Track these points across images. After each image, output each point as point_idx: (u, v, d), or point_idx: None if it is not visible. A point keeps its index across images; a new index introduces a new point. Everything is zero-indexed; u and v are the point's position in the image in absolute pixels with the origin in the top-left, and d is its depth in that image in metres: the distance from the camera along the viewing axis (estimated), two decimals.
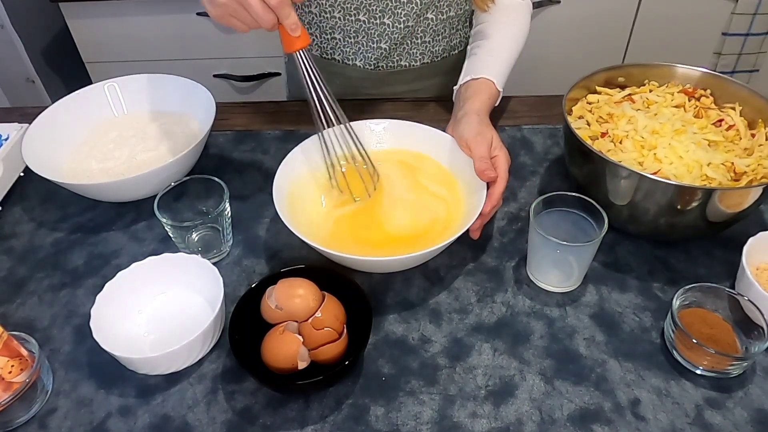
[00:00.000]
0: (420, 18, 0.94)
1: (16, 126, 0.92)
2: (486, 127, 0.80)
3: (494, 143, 0.78)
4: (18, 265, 0.78)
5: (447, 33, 1.00)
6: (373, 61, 0.99)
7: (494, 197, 0.74)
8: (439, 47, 1.01)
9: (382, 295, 0.72)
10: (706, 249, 0.77)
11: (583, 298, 0.72)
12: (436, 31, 0.98)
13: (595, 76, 0.84)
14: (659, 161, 0.73)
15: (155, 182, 0.80)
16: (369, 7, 0.92)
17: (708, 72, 0.84)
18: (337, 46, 0.99)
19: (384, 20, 0.93)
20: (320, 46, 1.01)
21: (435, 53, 1.01)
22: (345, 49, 0.99)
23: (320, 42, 1.00)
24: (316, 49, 1.01)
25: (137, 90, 0.96)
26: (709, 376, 0.63)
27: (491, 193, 0.74)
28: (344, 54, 1.00)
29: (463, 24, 1.01)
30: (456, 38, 1.02)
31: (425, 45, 0.99)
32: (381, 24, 0.94)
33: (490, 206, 0.73)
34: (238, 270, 0.76)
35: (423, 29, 0.97)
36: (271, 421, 0.61)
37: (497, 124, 0.97)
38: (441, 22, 0.97)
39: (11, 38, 1.77)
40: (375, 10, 0.92)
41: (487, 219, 0.75)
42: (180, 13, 1.72)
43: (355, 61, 1.00)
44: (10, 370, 0.61)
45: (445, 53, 1.03)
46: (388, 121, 0.86)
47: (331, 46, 1.00)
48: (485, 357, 0.66)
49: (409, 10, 0.92)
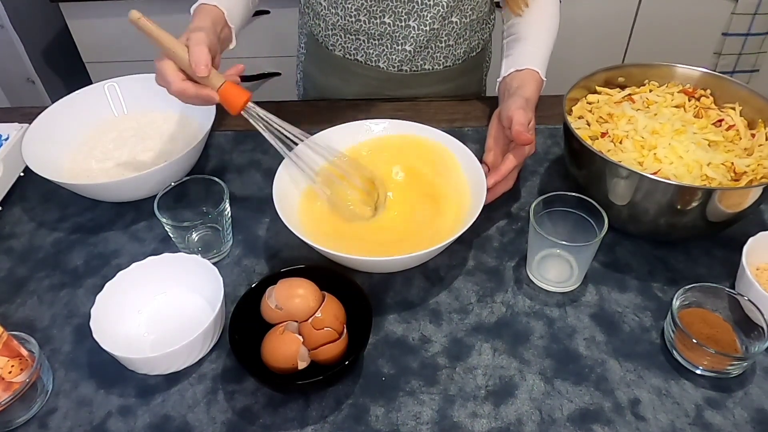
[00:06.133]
0: (445, 21, 0.94)
1: (16, 126, 0.92)
2: (531, 111, 0.80)
3: (532, 125, 0.79)
4: (18, 265, 0.78)
5: (468, 36, 1.00)
6: (396, 63, 0.99)
7: (500, 172, 0.76)
8: (460, 50, 1.01)
9: (382, 295, 0.72)
10: (706, 249, 0.77)
11: (583, 298, 0.72)
12: (459, 35, 0.98)
13: (595, 76, 0.84)
14: (659, 161, 0.73)
15: (155, 182, 0.80)
16: (395, 10, 0.92)
17: (708, 72, 0.84)
18: (361, 47, 0.99)
19: (409, 23, 0.93)
20: (343, 47, 1.00)
21: (457, 56, 1.02)
22: (368, 51, 0.99)
23: (344, 42, 0.99)
24: (340, 49, 1.01)
25: (137, 90, 0.96)
26: (709, 376, 0.63)
27: (498, 168, 0.76)
28: (367, 55, 0.99)
29: (481, 27, 1.02)
30: (475, 41, 1.03)
31: (449, 48, 0.99)
32: (406, 27, 0.94)
33: (493, 181, 0.75)
34: (238, 270, 0.76)
35: (447, 33, 0.97)
36: (271, 421, 0.61)
37: None
38: (464, 26, 0.97)
39: (11, 38, 1.77)
40: (401, 13, 0.92)
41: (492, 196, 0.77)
42: (180, 14, 1.71)
43: (378, 63, 1.00)
44: (10, 370, 0.61)
45: (465, 56, 1.03)
46: (388, 121, 0.86)
47: (354, 47, 0.99)
48: (485, 357, 0.66)
49: (435, 13, 0.92)
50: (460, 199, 0.78)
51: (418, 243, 0.72)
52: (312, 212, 0.78)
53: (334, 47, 1.01)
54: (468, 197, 0.77)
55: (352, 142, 0.84)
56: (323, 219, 0.77)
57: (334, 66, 1.04)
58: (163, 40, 0.69)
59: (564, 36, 0.95)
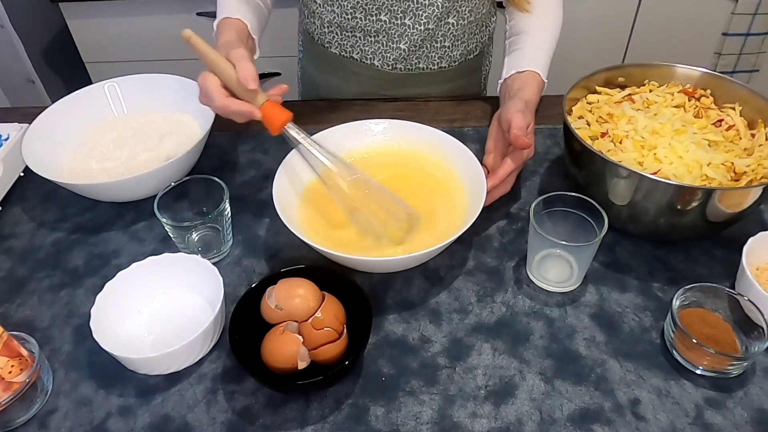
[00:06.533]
0: (441, 22, 0.94)
1: (16, 126, 0.92)
2: (530, 114, 0.80)
3: (531, 128, 0.78)
4: (18, 265, 0.78)
5: (465, 38, 1.00)
6: (391, 61, 0.99)
7: (497, 176, 0.76)
8: (457, 52, 1.01)
9: (382, 295, 0.72)
10: (706, 249, 0.77)
11: (583, 298, 0.72)
12: (456, 36, 0.98)
13: (595, 76, 0.84)
14: (659, 161, 0.73)
15: (156, 182, 0.80)
16: (391, 8, 0.92)
17: (708, 72, 0.84)
18: (357, 44, 0.99)
19: (405, 21, 0.94)
20: (339, 44, 1.00)
21: (453, 58, 1.02)
22: (364, 48, 0.99)
23: (340, 40, 1.00)
24: (336, 46, 1.01)
25: (137, 90, 0.96)
26: (709, 376, 0.63)
27: (496, 172, 0.76)
28: (363, 53, 1.00)
29: (480, 29, 1.02)
30: (473, 43, 1.03)
31: (444, 49, 0.99)
32: (402, 24, 0.94)
33: (491, 184, 0.75)
34: (238, 270, 0.76)
35: (443, 33, 0.97)
36: (271, 421, 0.61)
37: None
38: (461, 27, 0.97)
39: (11, 38, 1.77)
40: (396, 11, 0.93)
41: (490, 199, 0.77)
42: (180, 13, 1.72)
43: (374, 61, 1.00)
44: (10, 370, 0.61)
45: (462, 58, 1.03)
46: (388, 122, 0.86)
47: (350, 44, 1.00)
48: (485, 357, 0.66)
49: (430, 13, 0.92)
50: (459, 199, 0.78)
51: (417, 243, 0.72)
52: (311, 212, 0.78)
53: (330, 45, 1.01)
54: (467, 198, 0.77)
55: (352, 143, 0.84)
56: (323, 219, 0.77)
57: (330, 64, 1.04)
58: (210, 56, 0.71)
59: (564, 36, 0.95)
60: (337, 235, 0.75)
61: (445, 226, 0.75)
